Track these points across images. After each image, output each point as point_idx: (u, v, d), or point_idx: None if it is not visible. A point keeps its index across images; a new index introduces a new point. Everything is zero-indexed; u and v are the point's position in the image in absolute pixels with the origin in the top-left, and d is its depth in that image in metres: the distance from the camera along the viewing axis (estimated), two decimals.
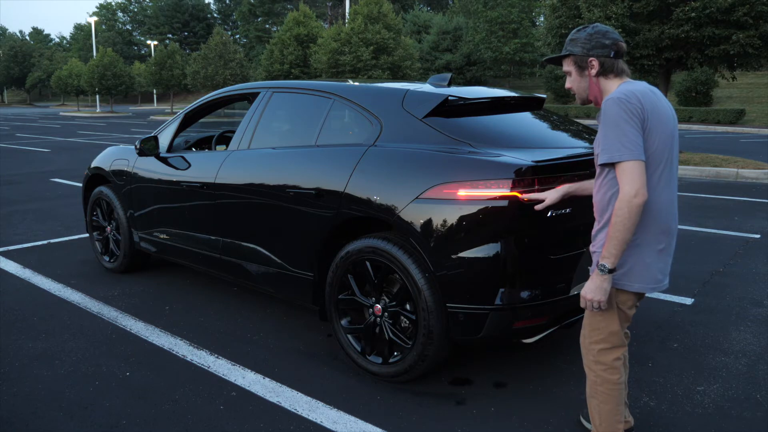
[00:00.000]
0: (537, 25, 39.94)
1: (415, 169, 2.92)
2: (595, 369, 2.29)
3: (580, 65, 2.22)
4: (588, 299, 2.13)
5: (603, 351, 2.27)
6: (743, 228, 6.63)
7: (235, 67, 37.67)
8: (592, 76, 2.21)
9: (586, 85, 2.24)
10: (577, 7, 12.99)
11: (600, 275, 2.10)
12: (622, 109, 2.03)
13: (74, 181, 10.07)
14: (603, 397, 2.30)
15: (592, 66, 2.19)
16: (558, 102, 37.65)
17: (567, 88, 2.33)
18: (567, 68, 2.27)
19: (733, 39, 11.34)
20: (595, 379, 2.30)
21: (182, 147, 4.89)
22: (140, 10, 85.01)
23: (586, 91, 2.26)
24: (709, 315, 4.06)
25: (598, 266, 2.10)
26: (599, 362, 2.28)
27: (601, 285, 2.10)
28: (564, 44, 2.30)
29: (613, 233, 2.05)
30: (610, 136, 2.05)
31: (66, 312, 4.09)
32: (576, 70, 2.24)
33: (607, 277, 2.10)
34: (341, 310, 3.26)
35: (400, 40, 30.34)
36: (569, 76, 2.29)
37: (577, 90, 2.28)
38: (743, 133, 24.13)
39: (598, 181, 2.20)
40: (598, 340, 2.26)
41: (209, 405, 2.89)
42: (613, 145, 2.03)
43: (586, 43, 2.19)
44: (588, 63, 2.20)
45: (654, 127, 2.07)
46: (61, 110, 53.41)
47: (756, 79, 32.71)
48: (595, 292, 2.11)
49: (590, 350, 2.29)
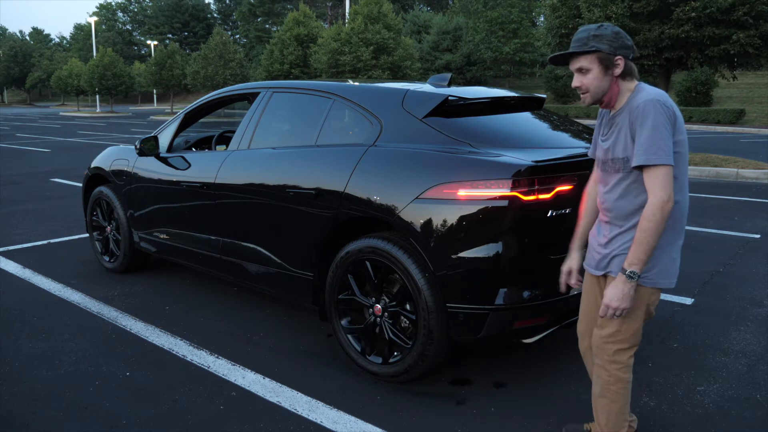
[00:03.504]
0: (537, 25, 39.94)
1: (415, 169, 2.92)
2: (609, 368, 2.28)
3: (606, 63, 2.11)
4: (613, 307, 2.11)
5: (620, 351, 2.26)
6: (743, 228, 6.63)
7: (235, 67, 37.67)
8: (615, 76, 2.13)
9: (607, 85, 2.14)
10: (577, 7, 12.99)
11: (628, 282, 2.08)
12: (661, 112, 2.02)
13: (74, 181, 10.07)
14: (614, 396, 2.31)
15: (618, 65, 2.12)
16: (558, 102, 37.65)
17: (576, 87, 2.17)
18: (588, 65, 2.12)
19: (733, 39, 11.34)
20: (609, 378, 2.29)
21: (182, 147, 4.89)
22: (140, 10, 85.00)
23: (605, 91, 2.15)
24: (709, 315, 4.06)
25: (628, 273, 2.07)
26: (615, 361, 2.28)
27: (629, 292, 2.09)
28: (577, 41, 2.14)
29: (645, 239, 2.03)
30: (649, 138, 2.01)
31: (66, 312, 4.09)
32: (600, 68, 2.12)
33: (635, 283, 2.09)
34: (341, 310, 3.26)
35: (400, 40, 30.33)
36: (585, 73, 2.14)
37: (595, 89, 2.14)
38: (743, 133, 24.12)
39: (621, 184, 2.15)
40: (619, 340, 2.25)
41: (209, 405, 2.89)
42: (651, 148, 2.01)
43: (614, 41, 2.10)
44: (614, 61, 2.11)
45: (680, 130, 2.09)
46: (61, 110, 53.40)
47: (756, 79, 32.69)
48: (622, 300, 2.10)
49: (606, 350, 2.27)
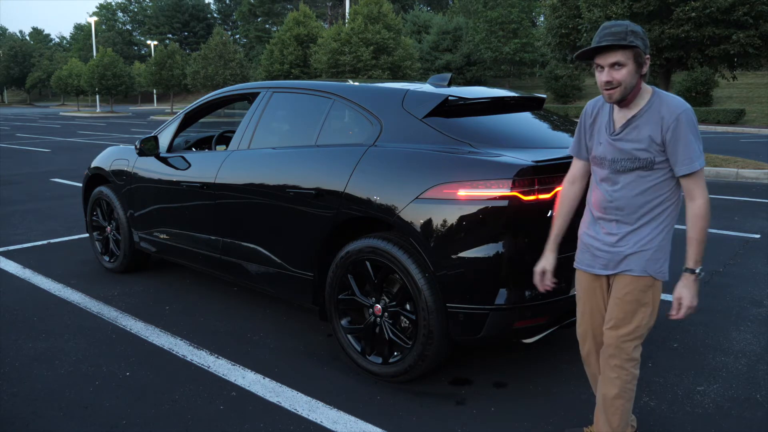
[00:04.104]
0: (537, 25, 39.93)
1: (415, 169, 2.92)
2: (627, 367, 2.28)
3: (639, 61, 2.10)
4: (695, 306, 2.16)
5: (637, 347, 2.28)
6: (743, 228, 6.64)
7: (235, 67, 37.66)
8: (641, 74, 2.13)
9: (636, 83, 2.12)
10: (577, 7, 12.99)
11: (697, 279, 2.16)
12: (693, 119, 2.11)
13: (74, 181, 10.07)
14: (630, 394, 2.32)
15: (647, 64, 2.13)
16: (558, 102, 37.64)
17: (605, 81, 2.10)
18: (624, 60, 2.07)
19: (733, 39, 11.34)
20: (627, 377, 2.29)
21: (182, 147, 4.90)
22: (140, 10, 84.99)
23: (633, 88, 2.13)
24: (709, 315, 4.06)
25: (697, 272, 2.14)
26: (632, 359, 2.28)
27: (697, 289, 2.17)
28: (613, 35, 2.08)
29: (702, 237, 2.13)
30: (696, 146, 2.10)
31: (66, 312, 4.08)
32: (634, 65, 2.09)
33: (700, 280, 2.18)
34: (341, 310, 3.26)
35: (400, 40, 30.35)
36: (619, 69, 2.08)
37: (627, 84, 2.09)
38: (743, 133, 24.11)
39: (640, 182, 2.17)
40: (638, 336, 2.26)
41: (209, 405, 2.89)
42: (698, 156, 2.11)
43: (645, 39, 2.11)
44: (645, 60, 2.12)
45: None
46: (61, 110, 53.40)
47: (756, 79, 32.68)
48: (696, 298, 2.17)
49: (625, 349, 2.27)
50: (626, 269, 2.23)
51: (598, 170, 2.30)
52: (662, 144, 2.11)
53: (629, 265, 2.22)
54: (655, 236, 2.19)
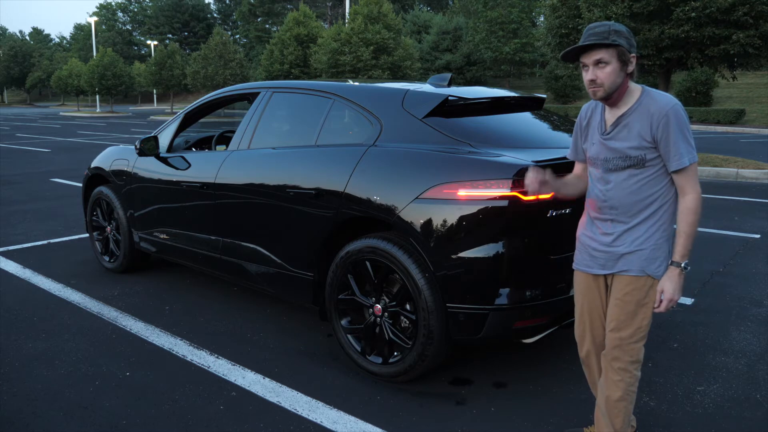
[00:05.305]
0: (537, 25, 39.92)
1: (415, 169, 2.92)
2: (631, 369, 2.28)
3: (623, 59, 2.13)
4: (676, 300, 2.17)
5: (640, 349, 2.28)
6: (743, 228, 6.63)
7: (235, 67, 37.68)
8: (627, 73, 2.16)
9: (621, 81, 2.15)
10: (577, 7, 12.99)
11: (682, 273, 2.16)
12: (683, 115, 2.13)
13: (74, 181, 10.07)
14: (632, 396, 2.31)
15: (632, 63, 2.15)
16: (558, 102, 37.64)
17: (590, 80, 2.15)
18: (607, 58, 2.11)
19: (733, 39, 11.34)
20: (630, 380, 2.29)
21: (182, 147, 4.90)
22: (140, 10, 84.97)
23: (617, 87, 2.16)
24: (709, 315, 4.06)
25: (683, 266, 2.14)
26: (636, 361, 2.28)
27: (683, 283, 2.17)
28: (596, 34, 2.12)
29: (691, 231, 2.14)
30: (685, 141, 2.11)
31: (66, 312, 4.08)
32: (618, 63, 2.12)
33: (684, 274, 2.18)
34: (341, 310, 3.26)
35: (400, 40, 30.35)
36: (603, 67, 2.12)
37: (610, 83, 2.13)
38: (743, 133, 24.12)
39: (631, 180, 2.18)
40: (641, 336, 2.26)
41: (209, 405, 2.89)
42: (689, 151, 2.11)
43: (630, 38, 2.14)
44: (630, 59, 2.14)
45: None
46: (61, 110, 53.38)
47: (756, 79, 32.70)
48: (679, 292, 2.17)
49: (628, 351, 2.26)
50: (624, 269, 2.23)
51: (593, 171, 2.32)
52: (653, 141, 2.13)
53: (627, 265, 2.22)
54: (651, 235, 2.19)
